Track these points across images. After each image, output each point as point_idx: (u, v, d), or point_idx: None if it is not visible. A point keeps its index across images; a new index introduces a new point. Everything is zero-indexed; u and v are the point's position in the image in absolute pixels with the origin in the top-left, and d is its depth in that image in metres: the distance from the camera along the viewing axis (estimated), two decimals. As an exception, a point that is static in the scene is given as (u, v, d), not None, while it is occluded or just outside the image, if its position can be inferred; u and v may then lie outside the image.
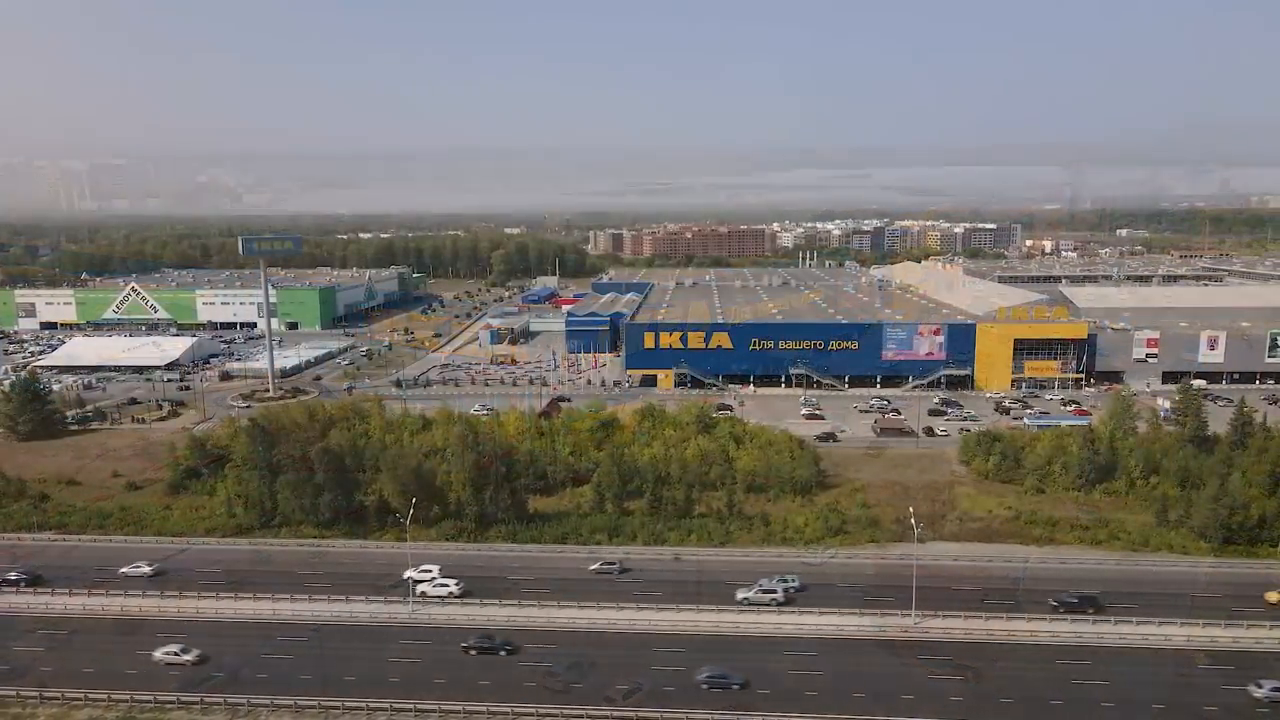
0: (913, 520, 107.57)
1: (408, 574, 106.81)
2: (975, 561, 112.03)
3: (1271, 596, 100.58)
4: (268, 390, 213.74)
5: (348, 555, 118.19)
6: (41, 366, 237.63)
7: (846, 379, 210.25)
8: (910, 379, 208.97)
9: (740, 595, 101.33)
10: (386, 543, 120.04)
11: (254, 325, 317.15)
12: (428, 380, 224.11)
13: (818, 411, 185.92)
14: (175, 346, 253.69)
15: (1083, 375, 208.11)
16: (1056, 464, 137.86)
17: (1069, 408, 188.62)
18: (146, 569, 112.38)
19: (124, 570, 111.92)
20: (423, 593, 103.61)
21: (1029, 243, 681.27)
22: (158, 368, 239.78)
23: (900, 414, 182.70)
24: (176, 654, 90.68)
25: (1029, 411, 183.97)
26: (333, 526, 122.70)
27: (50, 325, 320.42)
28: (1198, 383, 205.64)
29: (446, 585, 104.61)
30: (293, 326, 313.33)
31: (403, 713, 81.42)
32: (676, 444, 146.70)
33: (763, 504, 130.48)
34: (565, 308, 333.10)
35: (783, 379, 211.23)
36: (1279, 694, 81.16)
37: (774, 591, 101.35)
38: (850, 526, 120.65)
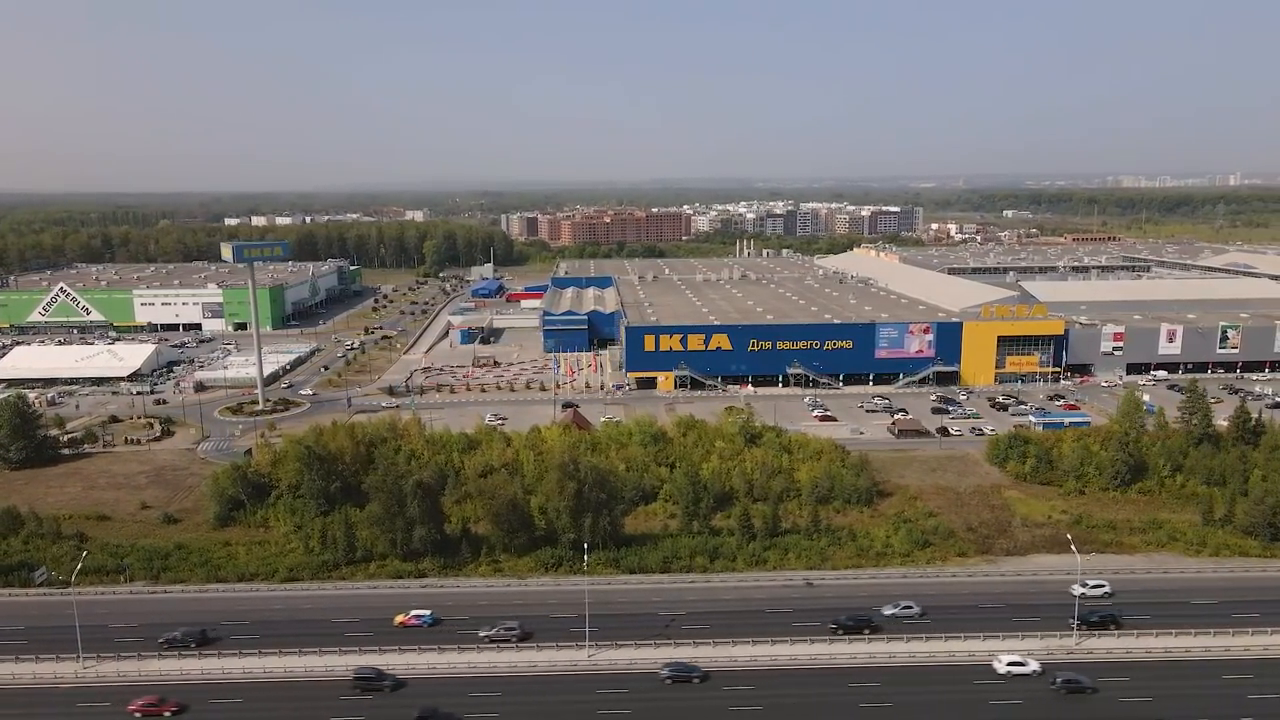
0: (1073, 546, 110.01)
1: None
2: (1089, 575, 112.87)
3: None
4: (255, 402, 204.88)
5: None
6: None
7: (841, 377, 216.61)
8: (902, 376, 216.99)
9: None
10: (491, 578, 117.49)
11: (199, 327, 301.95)
12: (420, 387, 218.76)
13: (828, 413, 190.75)
14: (135, 355, 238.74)
15: (1059, 369, 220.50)
16: (1090, 465, 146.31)
17: (1058, 403, 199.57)
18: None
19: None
20: None
21: (934, 225, 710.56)
22: (119, 379, 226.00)
23: (908, 413, 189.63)
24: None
25: (1024, 407, 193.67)
26: (420, 560, 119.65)
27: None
28: (1159, 373, 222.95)
29: None
30: (241, 327, 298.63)
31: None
32: (730, 457, 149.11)
33: (830, 515, 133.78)
34: (524, 303, 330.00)
35: (779, 379, 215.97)
36: None
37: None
38: (933, 538, 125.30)
